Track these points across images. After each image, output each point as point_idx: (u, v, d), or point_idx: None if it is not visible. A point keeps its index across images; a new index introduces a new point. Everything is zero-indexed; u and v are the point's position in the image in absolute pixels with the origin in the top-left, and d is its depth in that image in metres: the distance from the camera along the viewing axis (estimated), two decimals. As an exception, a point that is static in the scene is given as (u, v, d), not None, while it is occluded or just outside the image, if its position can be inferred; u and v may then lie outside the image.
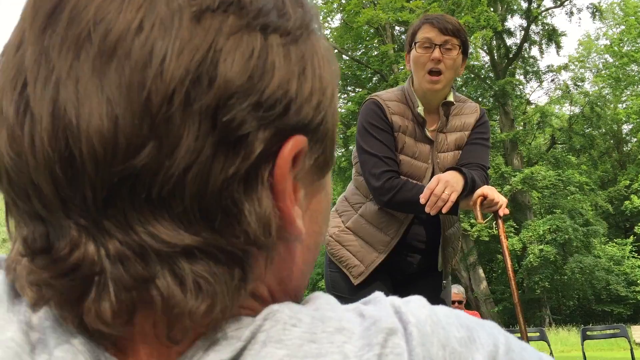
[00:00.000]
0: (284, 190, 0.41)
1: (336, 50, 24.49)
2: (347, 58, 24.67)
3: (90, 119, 0.35)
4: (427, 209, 2.07)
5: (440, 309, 0.45)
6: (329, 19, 24.52)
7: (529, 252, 21.26)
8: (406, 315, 0.42)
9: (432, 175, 2.26)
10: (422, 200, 2.07)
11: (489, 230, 21.15)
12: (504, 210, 2.23)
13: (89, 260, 0.36)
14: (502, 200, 2.21)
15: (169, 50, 0.36)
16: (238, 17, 0.38)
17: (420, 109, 2.26)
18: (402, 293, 2.37)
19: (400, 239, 2.28)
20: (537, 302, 22.83)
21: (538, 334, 8.23)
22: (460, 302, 6.81)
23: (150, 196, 0.36)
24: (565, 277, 22.23)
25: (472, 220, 21.22)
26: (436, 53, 2.19)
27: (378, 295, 0.46)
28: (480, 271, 22.79)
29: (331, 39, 24.29)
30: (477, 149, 2.31)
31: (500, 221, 2.30)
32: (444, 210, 2.06)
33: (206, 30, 0.37)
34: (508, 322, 21.93)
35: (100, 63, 0.35)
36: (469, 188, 2.13)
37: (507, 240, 2.40)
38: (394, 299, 0.44)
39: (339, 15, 24.35)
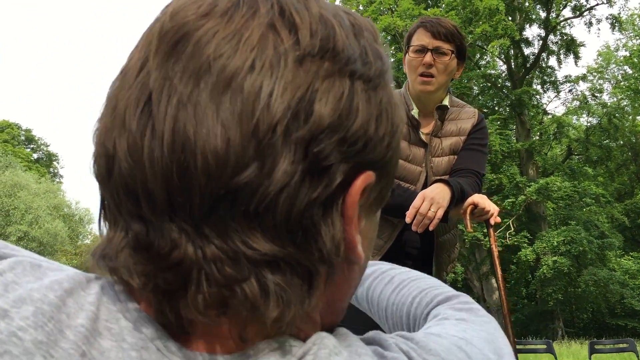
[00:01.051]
0: (352, 218, 0.46)
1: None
2: (364, 64, 24.69)
3: (207, 138, 0.41)
4: (413, 228, 2.06)
5: (444, 342, 0.53)
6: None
7: (543, 263, 21.07)
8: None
9: (426, 179, 2.25)
10: (407, 220, 2.05)
11: (502, 241, 20.97)
12: (495, 219, 2.21)
13: (189, 259, 0.42)
14: (494, 208, 2.18)
15: (275, 87, 0.42)
16: (332, 63, 0.44)
17: (414, 112, 2.26)
18: None
19: (393, 243, 2.26)
20: (550, 314, 22.60)
21: (545, 346, 8.13)
22: None
23: (248, 210, 0.42)
24: (579, 289, 21.99)
25: (485, 230, 21.05)
26: (427, 58, 2.19)
27: (383, 337, 0.51)
28: (493, 281, 22.62)
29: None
30: (473, 154, 2.28)
31: (491, 230, 2.28)
32: (430, 228, 2.05)
33: (306, 72, 0.43)
34: (519, 333, 21.72)
35: (216, 92, 0.42)
36: (458, 198, 2.11)
37: (498, 248, 2.37)
38: (400, 343, 0.51)
39: (356, 22, 24.36)
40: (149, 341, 0.44)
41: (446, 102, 2.30)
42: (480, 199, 2.15)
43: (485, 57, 24.25)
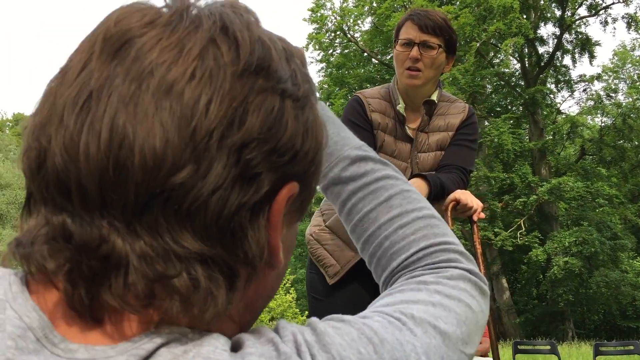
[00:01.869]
0: (276, 225, 0.50)
1: (365, 54, 24.45)
2: (376, 62, 24.60)
3: (147, 137, 0.43)
4: None
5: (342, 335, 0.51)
6: (359, 22, 24.49)
7: (554, 263, 20.91)
8: (304, 353, 0.48)
9: (411, 175, 2.21)
10: None
11: (513, 240, 20.85)
12: (478, 215, 2.17)
13: (118, 253, 0.44)
14: (477, 204, 2.14)
15: (214, 96, 0.45)
16: (266, 80, 0.48)
17: (400, 107, 2.23)
18: None
19: None
20: (561, 315, 22.44)
21: (549, 347, 8.03)
22: None
23: (180, 209, 0.44)
24: (590, 290, 21.81)
25: (496, 229, 20.94)
26: (414, 52, 2.15)
27: (284, 325, 0.51)
28: (504, 281, 22.49)
29: (361, 42, 24.25)
30: (460, 150, 2.24)
31: (475, 227, 2.24)
32: None
33: (242, 86, 0.47)
34: (530, 333, 21.60)
35: (158, 95, 0.44)
36: (436, 195, 2.08)
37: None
38: (297, 333, 0.50)
39: (369, 19, 24.30)
40: (28, 330, 0.45)
41: (434, 96, 2.26)
42: (462, 195, 2.11)
43: (499, 55, 24.06)
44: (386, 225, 0.71)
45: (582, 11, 24.72)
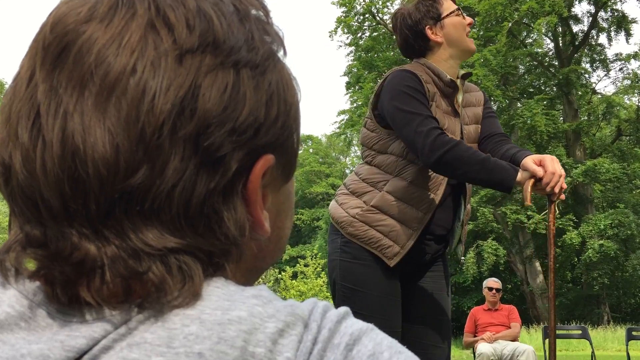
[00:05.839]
0: (255, 201, 0.49)
1: (395, 36, 24.17)
2: (406, 44, 24.34)
3: (96, 147, 0.43)
4: (551, 190, 2.00)
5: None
6: (388, 4, 24.23)
7: (589, 247, 20.59)
8: None
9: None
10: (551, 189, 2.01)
11: (547, 223, 20.55)
12: (559, 197, 2.06)
13: (91, 258, 0.44)
14: (561, 183, 2.02)
15: (158, 88, 0.43)
16: (214, 56, 0.46)
17: (452, 77, 2.24)
18: (409, 283, 2.34)
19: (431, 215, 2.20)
20: (596, 299, 22.14)
21: (580, 331, 7.97)
22: (498, 290, 7.09)
23: (142, 208, 0.44)
24: (627, 274, 21.45)
25: (529, 212, 20.66)
26: (470, 18, 2.31)
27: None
28: (537, 264, 22.23)
29: (390, 25, 24.00)
30: (497, 122, 2.38)
31: (552, 206, 2.09)
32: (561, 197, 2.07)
33: (187, 69, 0.44)
34: (564, 317, 21.36)
35: (101, 99, 0.43)
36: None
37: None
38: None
39: (398, 0, 24.01)
40: (29, 294, 0.46)
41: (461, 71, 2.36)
42: (548, 168, 1.99)
43: (532, 35, 23.58)
44: None
45: (619, -12, 24.03)
